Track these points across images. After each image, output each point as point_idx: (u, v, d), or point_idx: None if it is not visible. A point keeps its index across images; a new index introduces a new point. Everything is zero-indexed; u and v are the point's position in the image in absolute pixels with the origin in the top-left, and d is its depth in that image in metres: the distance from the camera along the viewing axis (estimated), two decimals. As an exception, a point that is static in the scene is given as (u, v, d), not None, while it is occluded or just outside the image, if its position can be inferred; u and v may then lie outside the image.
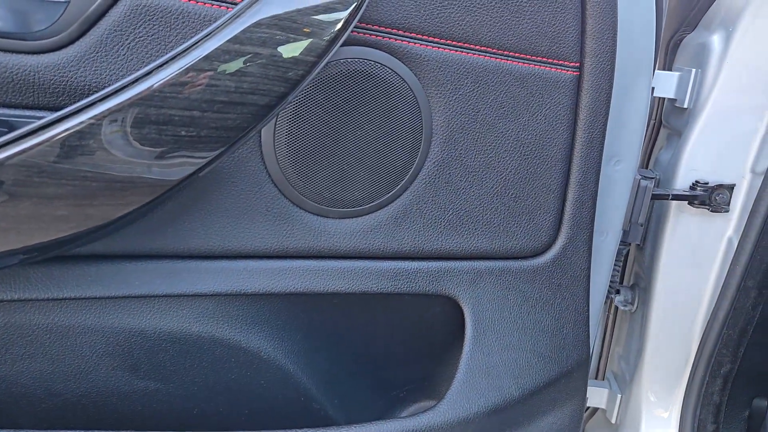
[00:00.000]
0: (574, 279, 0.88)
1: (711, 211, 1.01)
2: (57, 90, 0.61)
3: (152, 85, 0.53)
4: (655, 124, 1.19)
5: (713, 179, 1.02)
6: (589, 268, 0.88)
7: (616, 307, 1.23)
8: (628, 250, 1.17)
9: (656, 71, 1.07)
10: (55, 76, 0.60)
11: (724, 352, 1.04)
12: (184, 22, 0.62)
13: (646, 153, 1.20)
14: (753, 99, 0.97)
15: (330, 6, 0.60)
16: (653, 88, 1.08)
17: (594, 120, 0.81)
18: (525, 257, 0.85)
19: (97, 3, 0.59)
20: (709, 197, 1.01)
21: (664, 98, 1.13)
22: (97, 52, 0.61)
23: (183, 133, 0.56)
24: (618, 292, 1.19)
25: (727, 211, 1.02)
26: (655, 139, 1.19)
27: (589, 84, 0.79)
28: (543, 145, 0.80)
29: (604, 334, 1.27)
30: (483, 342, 0.83)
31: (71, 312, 0.69)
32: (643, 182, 0.96)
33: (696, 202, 1.01)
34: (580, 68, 0.78)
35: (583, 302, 0.89)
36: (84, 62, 0.61)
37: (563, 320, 0.88)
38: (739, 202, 1.01)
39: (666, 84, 1.06)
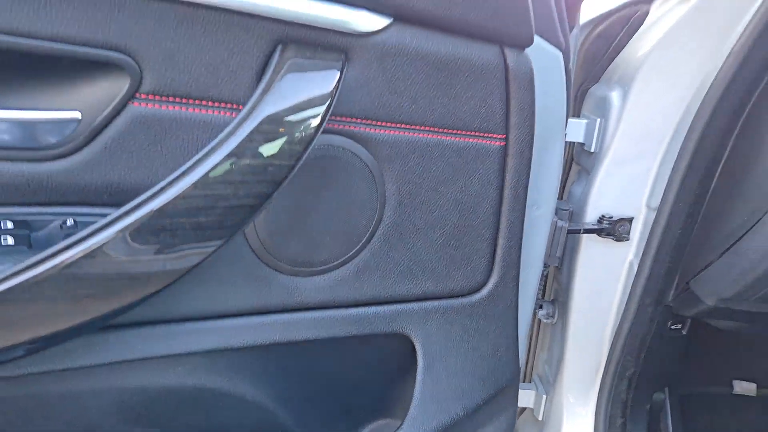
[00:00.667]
0: (505, 309, 1.03)
1: (615, 240, 1.19)
2: (67, 191, 0.70)
3: (167, 200, 0.64)
4: (568, 160, 1.37)
5: (616, 213, 1.20)
6: (517, 299, 1.04)
7: (540, 320, 1.41)
8: (548, 270, 1.35)
9: (568, 119, 1.24)
10: (65, 179, 0.70)
11: (629, 358, 1.23)
12: (180, 127, 0.73)
13: (562, 186, 1.37)
14: (646, 146, 1.15)
15: (307, 107, 0.72)
16: (565, 134, 1.25)
17: (518, 179, 0.96)
18: (465, 295, 1.00)
19: (101, 117, 0.69)
20: (613, 229, 1.19)
21: None
22: (102, 157, 0.70)
23: (191, 233, 0.66)
24: (541, 306, 1.36)
25: (628, 240, 1.20)
26: (569, 174, 1.37)
27: (513, 151, 0.94)
28: (477, 202, 0.95)
29: (530, 342, 1.45)
30: (432, 371, 0.98)
31: (82, 378, 0.78)
32: (560, 222, 1.13)
33: (603, 233, 1.19)
34: (506, 139, 0.93)
35: (513, 328, 1.05)
36: (91, 167, 0.70)
37: (498, 345, 1.04)
38: (637, 232, 1.20)
39: (576, 130, 1.24)
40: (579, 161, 1.31)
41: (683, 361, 1.39)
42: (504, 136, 0.93)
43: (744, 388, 1.72)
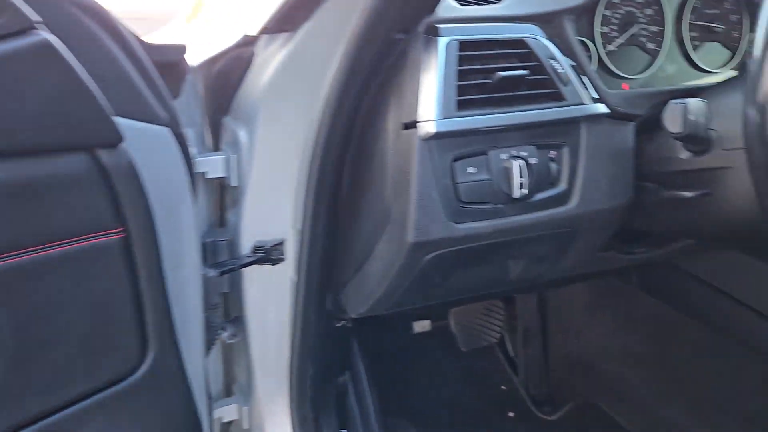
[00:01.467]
0: (172, 373, 1.06)
1: (272, 264, 1.28)
2: None
3: None
4: (219, 187, 1.40)
5: (270, 237, 1.28)
6: (181, 359, 1.08)
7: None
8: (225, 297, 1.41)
9: (203, 157, 1.27)
10: None
11: (306, 361, 1.37)
12: None
13: (219, 212, 1.41)
14: (280, 179, 1.23)
15: None
16: (206, 172, 1.28)
17: (148, 257, 0.97)
18: (124, 379, 1.00)
19: None
20: (268, 255, 1.27)
21: None
22: None
23: None
24: (224, 329, 1.42)
25: (285, 260, 1.30)
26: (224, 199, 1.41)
27: (135, 236, 0.94)
28: (111, 294, 0.94)
29: (226, 359, 1.52)
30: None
31: None
32: (210, 273, 1.17)
33: (259, 262, 1.27)
34: (126, 230, 0.92)
35: (184, 386, 1.09)
36: None
37: (171, 408, 1.07)
38: (292, 251, 1.30)
39: (215, 167, 1.27)
40: (228, 191, 1.35)
41: (369, 321, 1.59)
42: (122, 228, 0.92)
43: (421, 326, 2.04)
